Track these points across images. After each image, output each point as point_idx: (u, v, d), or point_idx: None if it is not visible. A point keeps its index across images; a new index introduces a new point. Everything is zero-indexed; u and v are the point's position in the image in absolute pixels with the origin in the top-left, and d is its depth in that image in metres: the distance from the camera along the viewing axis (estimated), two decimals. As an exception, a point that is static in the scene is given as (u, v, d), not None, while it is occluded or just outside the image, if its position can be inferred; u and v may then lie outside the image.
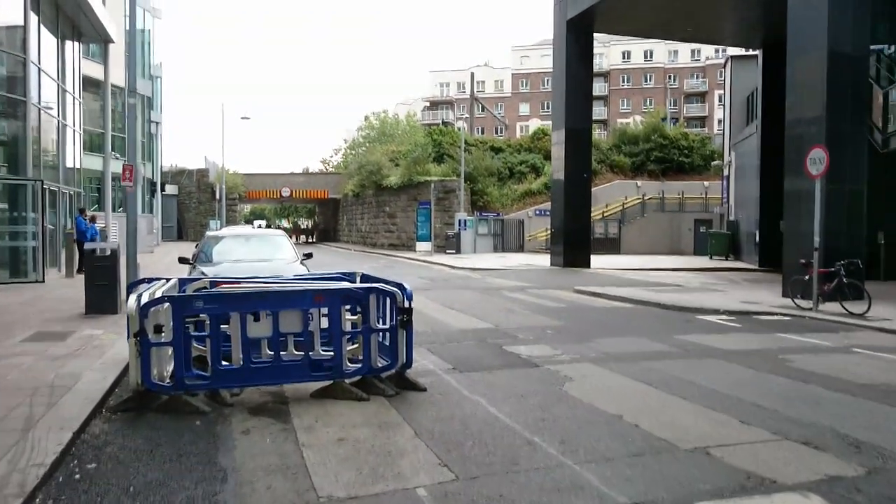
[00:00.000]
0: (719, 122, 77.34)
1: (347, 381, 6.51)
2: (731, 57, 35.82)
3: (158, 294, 6.42)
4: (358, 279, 8.27)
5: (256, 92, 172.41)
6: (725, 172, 36.23)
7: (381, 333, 6.85)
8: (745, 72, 34.32)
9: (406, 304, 6.64)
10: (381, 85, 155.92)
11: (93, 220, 20.88)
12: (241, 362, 6.26)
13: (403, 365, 6.74)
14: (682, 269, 26.86)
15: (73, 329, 9.97)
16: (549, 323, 11.46)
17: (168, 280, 7.58)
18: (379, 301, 6.81)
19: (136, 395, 6.09)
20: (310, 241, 62.78)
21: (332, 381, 6.46)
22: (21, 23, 17.29)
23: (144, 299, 6.07)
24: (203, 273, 10.35)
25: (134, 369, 5.98)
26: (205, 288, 7.61)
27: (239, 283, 7.62)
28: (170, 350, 6.28)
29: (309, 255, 12.00)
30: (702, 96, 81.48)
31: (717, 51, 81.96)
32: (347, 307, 6.69)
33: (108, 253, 11.80)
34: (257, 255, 11.62)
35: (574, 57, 26.65)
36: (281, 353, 6.46)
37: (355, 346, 7.01)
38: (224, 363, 6.38)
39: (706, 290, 17.51)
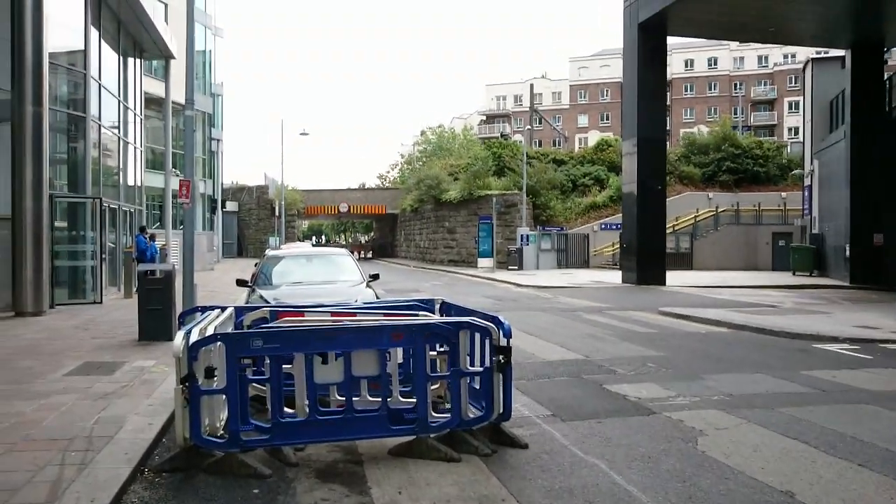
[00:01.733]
0: (790, 129, 74.05)
1: (433, 435, 5.38)
2: (812, 59, 33.66)
3: (210, 330, 5.42)
4: (437, 308, 7.16)
5: (313, 107, 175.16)
6: (807, 182, 33.92)
7: (472, 377, 5.70)
8: (826, 75, 32.17)
9: (504, 342, 5.47)
10: (436, 99, 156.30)
11: (152, 238, 20.47)
12: (307, 412, 5.20)
13: (500, 416, 5.55)
14: (766, 286, 24.94)
15: (123, 359, 9.15)
16: (645, 353, 10.11)
17: (224, 309, 6.62)
18: (471, 339, 5.67)
19: (184, 453, 5.08)
20: (367, 256, 62.37)
21: (414, 437, 5.34)
22: (82, 38, 16.98)
23: (194, 336, 5.08)
24: (262, 297, 9.44)
25: (181, 421, 4.97)
26: (264, 319, 6.62)
27: (302, 312, 6.60)
28: (224, 396, 5.27)
29: (375, 277, 10.98)
30: (770, 104, 78.10)
31: (786, 56, 78.73)
32: (435, 347, 5.58)
33: (162, 275, 11.01)
34: (320, 276, 10.67)
35: (645, 62, 25.18)
36: (353, 397, 5.37)
37: (436, 386, 5.87)
38: (287, 411, 5.35)
39: (807, 313, 15.77)
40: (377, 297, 9.81)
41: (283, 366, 5.39)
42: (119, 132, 20.85)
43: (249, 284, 10.50)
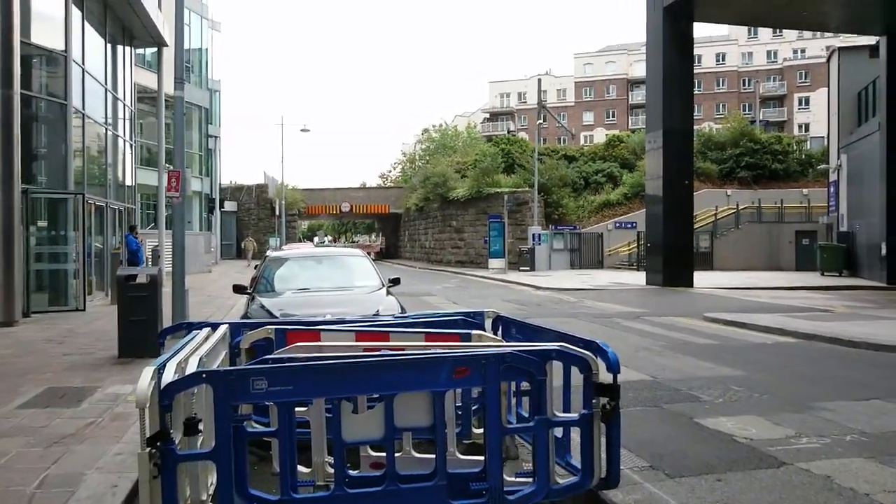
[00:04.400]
0: (800, 126, 72.50)
1: (510, 510, 3.77)
2: (839, 48, 32.01)
3: (194, 362, 3.80)
4: (488, 324, 5.55)
5: (314, 105, 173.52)
6: (833, 178, 32.32)
7: (563, 427, 4.09)
8: (853, 65, 30.57)
9: (609, 379, 3.86)
10: (438, 97, 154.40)
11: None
12: (331, 486, 3.60)
13: (602, 481, 3.94)
14: (799, 287, 23.36)
15: (95, 383, 7.53)
16: (720, 371, 8.50)
17: (216, 326, 5.03)
18: (565, 374, 4.06)
19: (153, 546, 3.47)
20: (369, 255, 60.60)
21: (486, 515, 3.73)
22: (62, 17, 15.33)
23: (169, 374, 3.48)
24: (264, 308, 7.83)
25: (148, 500, 3.36)
26: (269, 339, 5.00)
27: (318, 332, 4.99)
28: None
29: (396, 281, 9.37)
30: (780, 100, 76.46)
31: (795, 51, 77.23)
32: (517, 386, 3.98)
33: (147, 280, 9.38)
34: (332, 282, 9.06)
35: (672, 48, 23.56)
36: (394, 453, 3.77)
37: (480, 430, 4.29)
38: (302, 470, 3.77)
39: (869, 318, 14.16)
40: (401, 307, 8.21)
41: (297, 409, 3.82)
42: (108, 124, 19.23)
43: (248, 291, 8.88)
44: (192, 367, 3.66)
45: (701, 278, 24.67)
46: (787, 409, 6.59)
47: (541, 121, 37.47)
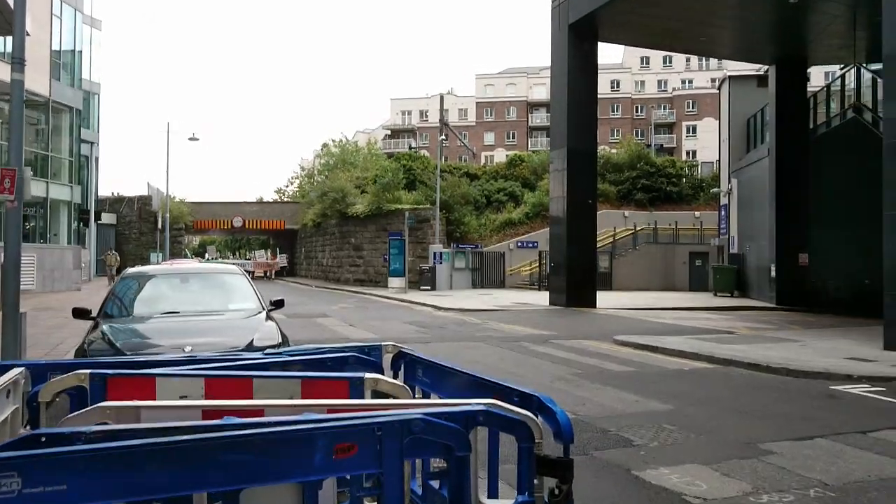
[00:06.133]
0: (688, 153, 75.94)
1: None
2: (730, 77, 33.23)
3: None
4: (387, 361, 4.31)
5: (207, 117, 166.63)
6: (724, 201, 33.38)
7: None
8: (743, 93, 31.75)
9: (557, 451, 2.72)
10: (339, 112, 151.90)
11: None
12: None
13: None
14: (696, 307, 23.57)
15: None
16: (647, 406, 7.62)
17: (8, 368, 3.53)
18: (490, 441, 2.88)
19: None
20: (267, 275, 57.77)
21: None
22: None
23: None
24: (106, 338, 6.27)
25: None
26: (83, 389, 3.54)
27: (153, 377, 3.58)
28: None
29: (279, 304, 7.94)
30: (670, 127, 79.97)
31: (683, 82, 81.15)
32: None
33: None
34: (200, 304, 7.53)
35: (577, 68, 23.34)
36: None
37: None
38: None
39: (775, 340, 13.96)
40: (282, 335, 6.83)
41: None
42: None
43: (92, 316, 7.20)
44: None
45: (602, 299, 24.45)
46: (732, 454, 5.72)
47: (443, 137, 36.81)
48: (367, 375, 3.77)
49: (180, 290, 7.96)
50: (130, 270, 8.79)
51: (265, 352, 4.81)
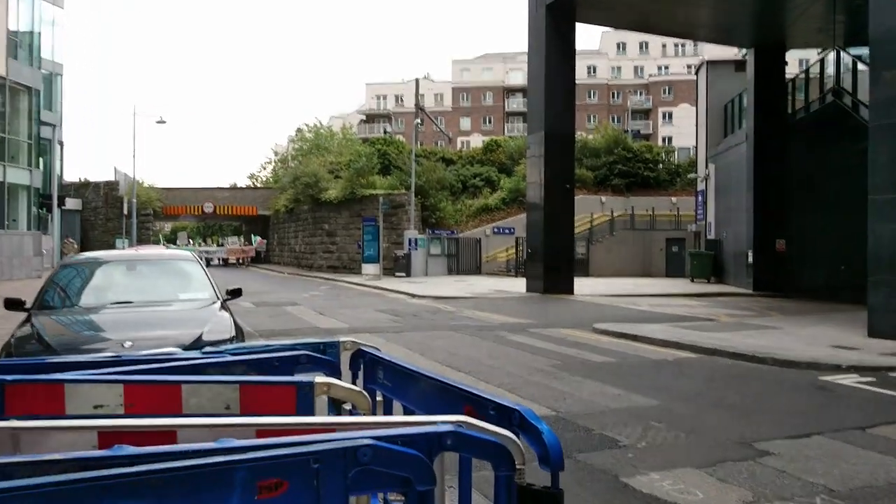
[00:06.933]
0: (664, 139, 75.97)
1: None
2: (708, 62, 32.93)
3: None
4: (345, 360, 3.74)
5: (178, 105, 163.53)
6: (701, 187, 33.18)
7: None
8: (720, 78, 31.46)
9: (543, 482, 2.18)
10: (313, 97, 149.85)
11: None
12: None
13: None
14: (674, 294, 23.36)
15: None
16: (630, 399, 7.16)
17: None
18: (462, 468, 2.34)
19: None
20: (240, 261, 56.70)
21: None
22: None
23: None
24: (36, 333, 5.63)
25: None
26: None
27: (62, 384, 2.97)
28: None
29: (236, 293, 7.32)
30: (646, 113, 79.90)
31: (660, 68, 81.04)
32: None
33: None
34: (148, 294, 6.88)
35: (554, 49, 22.78)
36: None
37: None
38: None
39: (756, 328, 13.63)
40: (237, 328, 6.23)
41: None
42: None
43: (25, 307, 6.52)
44: None
45: (580, 285, 24.09)
46: (727, 455, 5.26)
47: (418, 121, 36.08)
48: (318, 379, 3.16)
49: (127, 278, 7.30)
50: (74, 257, 8.08)
51: (204, 350, 4.23)
